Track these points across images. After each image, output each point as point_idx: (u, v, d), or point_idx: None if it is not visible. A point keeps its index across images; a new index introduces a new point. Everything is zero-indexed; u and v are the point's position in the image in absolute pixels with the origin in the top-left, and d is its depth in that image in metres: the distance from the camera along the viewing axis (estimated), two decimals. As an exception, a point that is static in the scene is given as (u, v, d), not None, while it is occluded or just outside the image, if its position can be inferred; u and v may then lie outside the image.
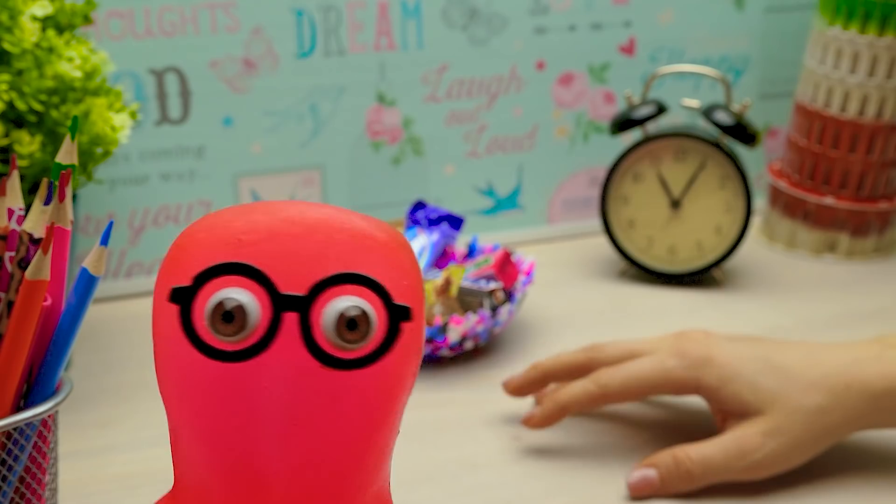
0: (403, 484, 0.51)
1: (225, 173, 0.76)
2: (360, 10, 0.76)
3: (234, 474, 0.25)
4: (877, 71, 0.76)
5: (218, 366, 0.24)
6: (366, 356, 0.24)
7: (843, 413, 0.48)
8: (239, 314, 0.23)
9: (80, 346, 0.65)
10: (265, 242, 0.24)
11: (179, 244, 0.25)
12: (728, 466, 0.49)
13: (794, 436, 0.48)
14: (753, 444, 0.48)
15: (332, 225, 0.25)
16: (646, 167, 0.76)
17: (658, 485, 0.49)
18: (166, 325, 0.25)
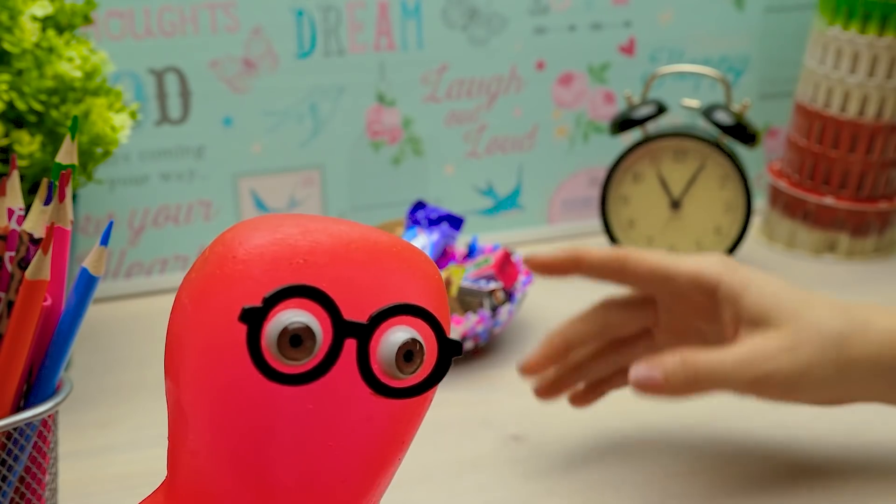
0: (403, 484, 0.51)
1: (225, 173, 0.76)
2: (360, 10, 0.76)
3: (248, 486, 0.25)
4: (877, 71, 0.76)
5: (271, 387, 0.24)
6: (415, 386, 0.24)
7: (862, 348, 0.46)
8: (307, 339, 0.23)
9: (80, 346, 0.65)
10: (329, 267, 0.24)
11: (235, 255, 0.25)
12: (736, 374, 0.46)
13: (808, 356, 0.45)
14: (765, 354, 0.45)
15: (391, 252, 0.25)
16: (646, 167, 0.76)
17: (662, 384, 0.46)
18: (219, 338, 0.24)
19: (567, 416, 0.57)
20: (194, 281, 0.25)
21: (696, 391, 0.47)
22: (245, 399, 0.24)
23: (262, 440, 0.25)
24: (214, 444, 0.25)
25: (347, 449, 0.25)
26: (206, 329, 0.25)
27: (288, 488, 0.25)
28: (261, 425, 0.24)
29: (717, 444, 0.54)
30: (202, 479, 0.26)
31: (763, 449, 0.54)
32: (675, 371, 0.46)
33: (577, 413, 0.57)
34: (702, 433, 0.55)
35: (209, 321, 0.25)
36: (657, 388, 0.46)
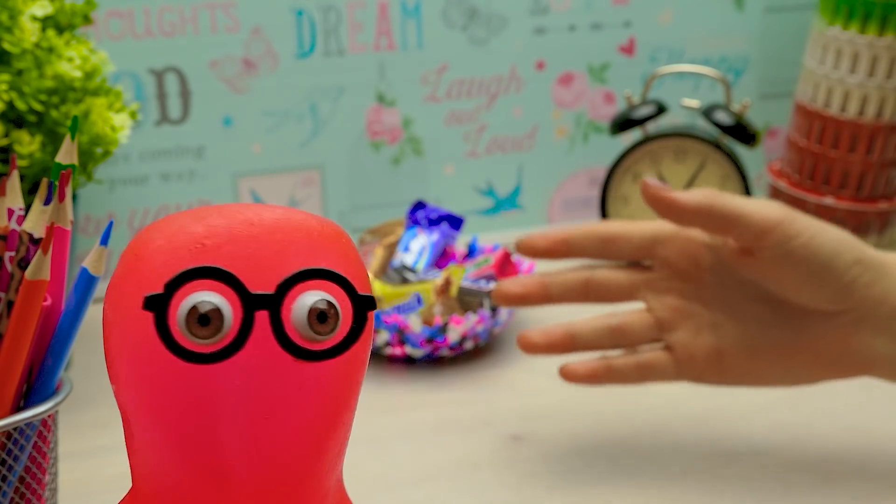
0: (403, 484, 0.51)
1: (225, 173, 0.76)
2: (360, 10, 0.76)
3: (201, 472, 0.25)
4: (877, 71, 0.76)
5: (192, 368, 0.24)
6: (336, 346, 0.25)
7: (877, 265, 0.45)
8: (214, 317, 0.24)
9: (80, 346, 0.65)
10: (228, 245, 0.25)
11: (137, 254, 0.25)
12: (753, 218, 0.45)
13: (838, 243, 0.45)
14: (796, 223, 0.45)
15: (290, 224, 0.26)
16: (646, 167, 0.76)
17: (677, 197, 0.46)
18: (132, 332, 0.25)
19: (567, 416, 0.57)
20: (109, 288, 0.26)
21: (709, 222, 0.46)
22: (174, 387, 0.25)
23: (201, 425, 0.25)
24: (158, 439, 0.26)
25: (286, 420, 0.25)
26: (124, 328, 0.25)
27: (239, 468, 0.26)
28: (195, 410, 0.25)
29: (717, 444, 0.54)
30: (156, 476, 0.26)
31: (763, 449, 0.54)
32: (695, 194, 0.46)
33: (578, 413, 0.57)
34: (701, 433, 0.55)
35: (125, 320, 0.25)
36: (669, 201, 0.46)
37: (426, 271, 0.67)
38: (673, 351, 0.49)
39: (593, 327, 0.50)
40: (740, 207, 0.45)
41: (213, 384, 0.25)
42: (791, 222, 0.45)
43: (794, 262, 0.45)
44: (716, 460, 0.53)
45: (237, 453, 0.25)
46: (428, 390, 0.61)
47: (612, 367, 0.50)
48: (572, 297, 0.50)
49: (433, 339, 0.61)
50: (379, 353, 0.64)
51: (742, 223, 0.45)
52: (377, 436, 0.56)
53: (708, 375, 0.49)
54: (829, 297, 0.46)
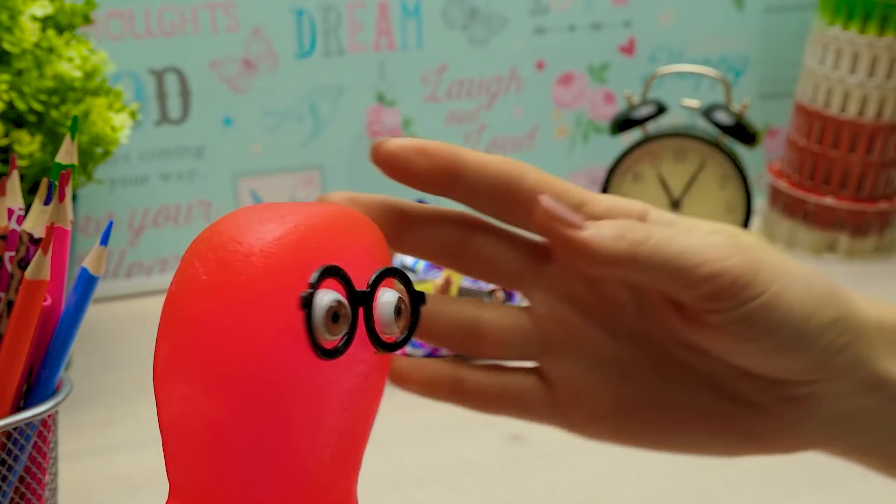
0: (404, 484, 0.51)
1: (225, 173, 0.76)
2: (360, 10, 0.76)
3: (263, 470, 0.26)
4: (877, 71, 0.76)
5: (308, 362, 0.26)
6: (403, 338, 0.28)
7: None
8: (343, 314, 0.25)
9: (80, 346, 0.65)
10: (336, 241, 0.27)
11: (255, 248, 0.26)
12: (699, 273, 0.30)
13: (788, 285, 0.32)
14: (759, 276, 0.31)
15: (357, 223, 0.29)
16: (646, 167, 0.76)
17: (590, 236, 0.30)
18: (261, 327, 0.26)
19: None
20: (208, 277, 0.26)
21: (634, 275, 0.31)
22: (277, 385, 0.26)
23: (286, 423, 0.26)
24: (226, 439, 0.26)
25: (351, 416, 0.28)
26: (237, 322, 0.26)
27: (292, 470, 0.27)
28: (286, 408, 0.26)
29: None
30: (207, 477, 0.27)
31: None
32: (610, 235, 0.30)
33: (577, 413, 0.57)
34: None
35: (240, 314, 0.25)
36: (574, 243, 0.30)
37: (426, 271, 0.67)
38: (549, 383, 0.35)
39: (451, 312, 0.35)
40: (679, 256, 0.31)
41: (319, 382, 0.26)
42: (753, 275, 0.31)
43: (754, 326, 0.32)
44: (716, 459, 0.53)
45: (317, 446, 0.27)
46: (428, 390, 0.61)
47: (463, 381, 0.36)
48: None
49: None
50: (379, 353, 0.64)
51: (683, 278, 0.31)
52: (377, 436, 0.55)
53: (590, 429, 0.37)
54: (796, 369, 0.33)
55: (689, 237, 0.31)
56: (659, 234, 0.31)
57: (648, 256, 0.31)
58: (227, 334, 0.26)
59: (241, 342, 0.26)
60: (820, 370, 0.33)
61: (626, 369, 0.35)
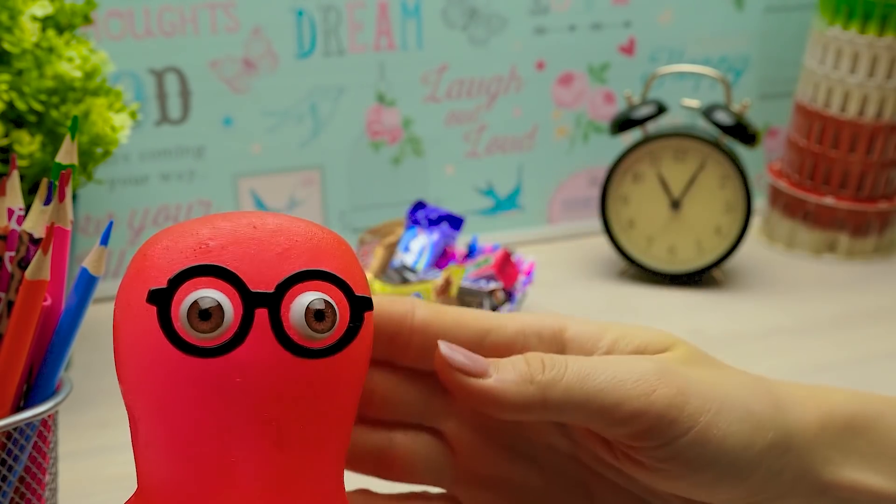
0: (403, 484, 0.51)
1: (225, 173, 0.76)
2: (360, 10, 0.76)
3: (203, 467, 0.26)
4: (877, 71, 0.76)
5: (193, 362, 0.25)
6: (333, 344, 0.26)
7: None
8: (215, 311, 0.25)
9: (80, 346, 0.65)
10: (231, 246, 0.26)
11: (145, 254, 0.27)
12: (619, 413, 0.28)
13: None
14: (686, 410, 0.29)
15: (291, 230, 0.27)
16: (646, 167, 0.76)
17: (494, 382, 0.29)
18: (138, 329, 0.26)
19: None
20: (119, 288, 0.27)
21: (547, 416, 0.29)
22: (177, 384, 0.25)
23: (203, 423, 0.26)
24: (163, 438, 0.26)
25: (287, 418, 0.26)
26: (130, 325, 0.26)
27: (241, 466, 0.26)
28: (198, 408, 0.26)
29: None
30: (162, 476, 0.27)
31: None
32: (516, 377, 0.29)
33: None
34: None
35: (131, 317, 0.26)
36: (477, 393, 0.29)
37: (426, 271, 0.67)
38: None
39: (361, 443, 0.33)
40: (596, 396, 0.28)
41: (214, 379, 0.25)
42: (679, 410, 0.28)
43: (685, 463, 0.29)
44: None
45: (239, 450, 0.26)
46: (428, 390, 0.61)
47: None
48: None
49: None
50: (379, 353, 0.64)
51: (603, 419, 0.28)
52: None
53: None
54: (736, 498, 0.31)
55: (607, 369, 0.29)
56: (572, 371, 0.28)
57: (561, 399, 0.28)
58: (123, 336, 0.27)
59: (131, 344, 0.26)
60: (761, 492, 0.31)
61: (554, 498, 0.32)
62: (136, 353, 0.26)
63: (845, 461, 0.32)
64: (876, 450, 0.32)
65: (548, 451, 0.32)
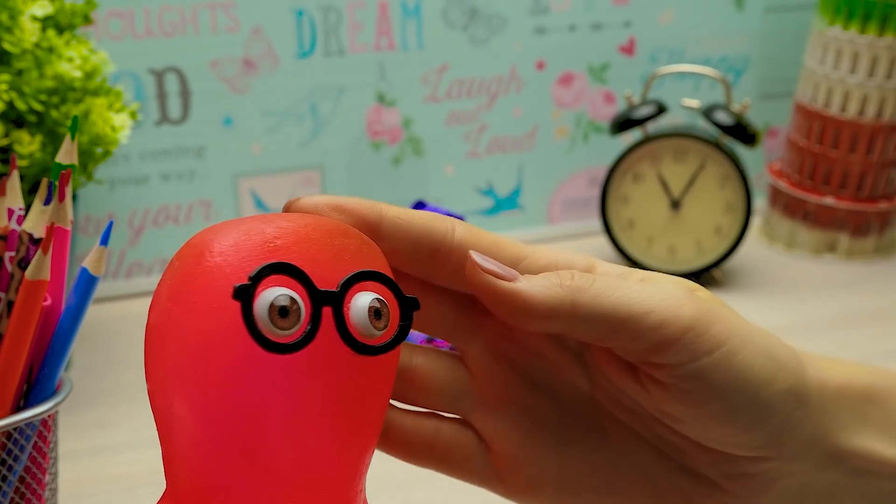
0: (404, 484, 0.51)
1: (225, 173, 0.76)
2: (360, 10, 0.76)
3: (264, 468, 0.27)
4: (877, 71, 0.76)
5: (273, 360, 0.26)
6: (389, 341, 0.27)
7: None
8: (293, 309, 0.25)
9: (80, 346, 0.65)
10: (297, 245, 0.27)
11: (210, 251, 0.27)
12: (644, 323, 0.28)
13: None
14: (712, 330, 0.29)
15: (344, 231, 0.28)
16: (646, 167, 0.76)
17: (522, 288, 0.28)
18: (208, 327, 0.26)
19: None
20: (172, 282, 0.27)
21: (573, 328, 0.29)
22: (251, 380, 0.26)
23: (258, 422, 0.26)
24: (211, 439, 0.26)
25: (338, 416, 0.27)
26: (192, 323, 0.26)
27: (286, 470, 0.27)
28: (255, 406, 0.26)
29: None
30: (202, 477, 0.27)
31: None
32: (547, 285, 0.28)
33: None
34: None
35: (194, 315, 0.26)
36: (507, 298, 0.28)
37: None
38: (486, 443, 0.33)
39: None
40: (623, 304, 0.28)
41: (285, 377, 0.26)
42: (706, 327, 0.29)
43: (706, 387, 0.29)
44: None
45: (285, 454, 0.27)
46: (428, 390, 0.61)
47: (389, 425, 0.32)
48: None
49: (433, 339, 0.61)
50: (379, 353, 0.64)
51: (628, 328, 0.28)
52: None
53: (529, 496, 0.33)
54: (750, 444, 0.30)
55: (636, 286, 0.29)
56: (602, 281, 0.28)
57: (590, 304, 0.28)
58: (183, 333, 0.26)
59: (195, 340, 0.26)
60: (775, 446, 0.30)
61: (569, 435, 0.32)
62: (200, 352, 0.26)
63: (862, 429, 0.32)
64: (894, 421, 0.32)
65: (567, 388, 0.32)
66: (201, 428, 0.27)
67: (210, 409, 0.26)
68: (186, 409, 0.27)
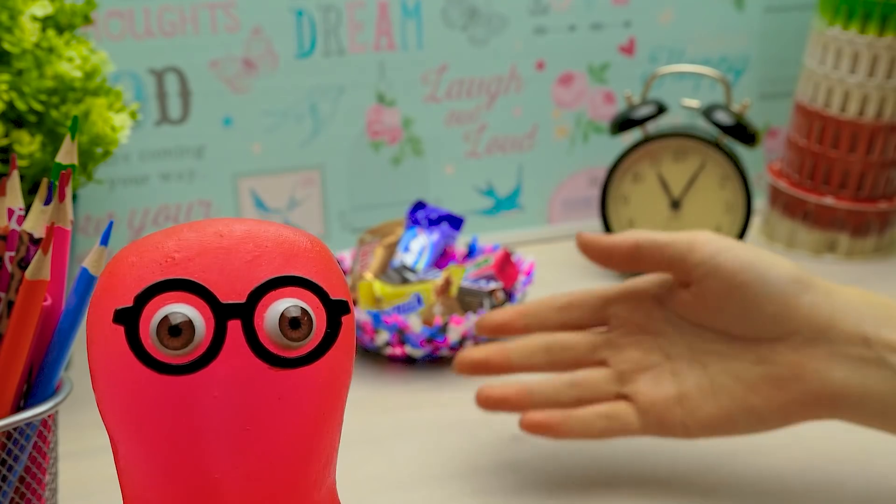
0: (404, 484, 0.51)
1: (225, 173, 0.76)
2: (360, 10, 0.76)
3: (187, 486, 0.26)
4: (877, 71, 0.76)
5: (168, 380, 0.24)
6: (311, 352, 0.25)
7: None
8: (185, 327, 0.24)
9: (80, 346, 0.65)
10: (199, 257, 0.25)
11: (111, 271, 0.26)
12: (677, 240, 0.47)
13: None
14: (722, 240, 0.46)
15: (260, 235, 0.26)
16: (646, 167, 0.76)
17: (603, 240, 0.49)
18: (109, 348, 0.25)
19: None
20: (89, 307, 0.26)
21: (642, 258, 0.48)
22: (151, 401, 0.25)
23: (182, 439, 0.25)
24: (142, 456, 0.26)
25: (269, 429, 0.26)
26: (100, 345, 0.25)
27: (225, 482, 0.26)
28: (175, 424, 0.25)
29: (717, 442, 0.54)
30: (145, 494, 0.26)
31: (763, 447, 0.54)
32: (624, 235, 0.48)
33: (577, 413, 0.57)
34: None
35: (101, 337, 0.25)
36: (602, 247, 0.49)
37: (426, 271, 0.67)
38: (635, 401, 0.48)
39: (552, 381, 0.49)
40: (665, 236, 0.47)
41: (190, 396, 0.25)
42: (717, 238, 0.45)
43: (727, 280, 0.44)
44: (717, 459, 0.53)
45: (222, 466, 0.25)
46: (428, 390, 0.61)
47: (572, 416, 0.48)
48: (534, 361, 0.49)
49: (433, 339, 0.61)
50: (379, 353, 0.64)
51: (669, 248, 0.46)
52: (377, 436, 0.56)
53: (672, 425, 0.47)
54: (771, 318, 0.44)
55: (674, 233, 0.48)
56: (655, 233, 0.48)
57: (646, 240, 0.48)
58: (94, 356, 0.26)
59: (102, 364, 0.25)
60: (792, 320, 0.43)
61: (680, 375, 0.47)
62: (107, 373, 0.25)
63: (887, 324, 0.43)
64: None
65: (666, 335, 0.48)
66: (136, 449, 0.26)
67: (133, 432, 0.26)
68: (116, 432, 0.27)
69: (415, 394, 0.60)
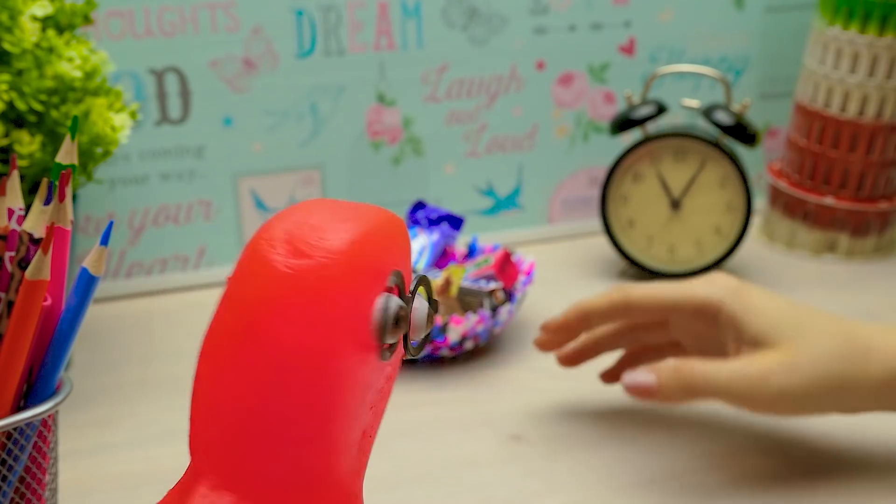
0: (404, 483, 0.51)
1: (225, 173, 0.76)
2: (360, 9, 0.76)
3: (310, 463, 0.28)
4: (877, 71, 0.76)
5: (367, 363, 0.27)
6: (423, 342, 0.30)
7: (859, 370, 0.47)
8: (403, 317, 0.27)
9: (80, 346, 0.65)
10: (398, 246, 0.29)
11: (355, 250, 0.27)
12: (730, 387, 0.47)
13: (803, 375, 0.47)
14: (762, 370, 0.47)
15: (401, 229, 0.30)
16: (646, 167, 0.76)
17: (656, 390, 0.49)
18: (340, 326, 0.26)
19: (567, 417, 0.57)
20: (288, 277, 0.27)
21: (689, 399, 0.49)
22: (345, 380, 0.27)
23: (338, 417, 0.28)
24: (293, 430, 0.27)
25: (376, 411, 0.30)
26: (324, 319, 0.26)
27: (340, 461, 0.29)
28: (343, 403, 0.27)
29: (718, 442, 0.54)
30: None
31: (763, 447, 0.54)
32: (669, 378, 0.49)
33: (577, 413, 0.57)
34: (702, 432, 0.55)
35: (327, 311, 0.26)
36: (651, 394, 0.49)
37: (426, 271, 0.67)
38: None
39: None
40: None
41: (367, 378, 0.28)
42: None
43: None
44: (717, 459, 0.53)
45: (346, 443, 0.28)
46: (428, 390, 0.61)
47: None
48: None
49: (433, 339, 0.61)
50: (379, 353, 0.64)
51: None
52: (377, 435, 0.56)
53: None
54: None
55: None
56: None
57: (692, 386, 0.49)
58: (303, 322, 0.26)
59: (317, 334, 0.26)
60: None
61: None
62: (320, 344, 0.27)
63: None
64: None
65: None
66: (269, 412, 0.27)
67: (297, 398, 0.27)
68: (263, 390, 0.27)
69: (415, 394, 0.60)
